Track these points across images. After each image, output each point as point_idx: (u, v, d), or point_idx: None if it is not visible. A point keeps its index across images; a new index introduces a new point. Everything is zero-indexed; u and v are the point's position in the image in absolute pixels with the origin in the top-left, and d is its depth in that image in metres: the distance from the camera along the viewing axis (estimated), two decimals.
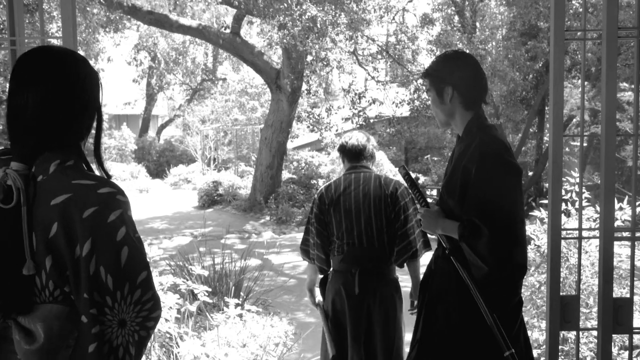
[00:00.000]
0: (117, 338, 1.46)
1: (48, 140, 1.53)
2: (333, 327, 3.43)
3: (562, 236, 3.04)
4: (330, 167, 20.46)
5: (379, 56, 16.70)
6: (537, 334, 4.39)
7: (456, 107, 2.51)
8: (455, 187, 2.41)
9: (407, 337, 5.75)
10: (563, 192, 4.70)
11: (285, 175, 18.44)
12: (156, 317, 1.53)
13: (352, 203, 3.35)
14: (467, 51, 9.73)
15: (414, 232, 3.38)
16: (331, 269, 3.51)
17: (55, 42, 4.92)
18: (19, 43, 3.11)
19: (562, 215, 3.36)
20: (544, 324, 4.31)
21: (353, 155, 3.49)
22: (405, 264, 3.47)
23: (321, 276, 3.56)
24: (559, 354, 3.21)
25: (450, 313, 2.44)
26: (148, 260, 1.55)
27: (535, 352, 4.19)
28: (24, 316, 1.48)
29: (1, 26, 11.10)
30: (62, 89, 1.54)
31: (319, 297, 3.60)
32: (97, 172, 1.60)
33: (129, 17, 16.61)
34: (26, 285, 1.47)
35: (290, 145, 20.86)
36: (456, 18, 16.08)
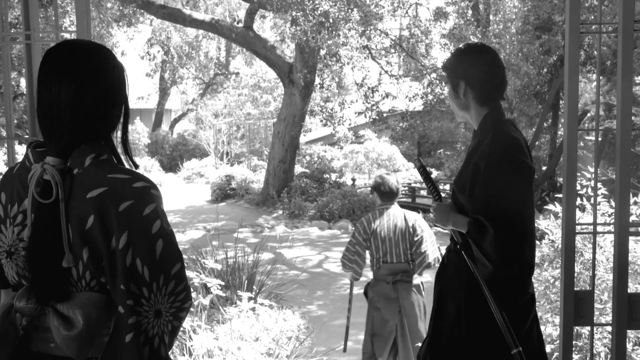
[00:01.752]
0: (152, 328, 1.49)
1: (81, 133, 1.55)
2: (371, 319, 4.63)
3: (576, 231, 3.02)
4: (343, 161, 20.44)
5: (392, 50, 16.64)
6: (551, 329, 4.37)
7: (470, 101, 2.49)
8: (466, 183, 2.40)
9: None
10: (578, 187, 4.66)
11: (298, 169, 18.46)
12: (188, 308, 1.57)
13: (384, 232, 4.56)
14: None
15: (427, 250, 4.54)
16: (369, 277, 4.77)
17: (69, 36, 4.94)
18: (34, 38, 3.12)
19: (577, 210, 3.34)
20: (557, 319, 4.29)
21: (386, 196, 4.65)
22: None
23: (363, 279, 4.81)
24: (573, 349, 3.19)
25: (460, 309, 2.43)
26: (181, 252, 1.58)
27: (548, 347, 4.17)
28: (62, 303, 1.51)
29: (15, 21, 11.17)
30: (92, 82, 1.56)
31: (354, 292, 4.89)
32: (126, 164, 1.64)
33: (142, 11, 16.68)
34: (63, 276, 1.51)
35: (303, 139, 20.87)
36: (470, 12, 15.96)
